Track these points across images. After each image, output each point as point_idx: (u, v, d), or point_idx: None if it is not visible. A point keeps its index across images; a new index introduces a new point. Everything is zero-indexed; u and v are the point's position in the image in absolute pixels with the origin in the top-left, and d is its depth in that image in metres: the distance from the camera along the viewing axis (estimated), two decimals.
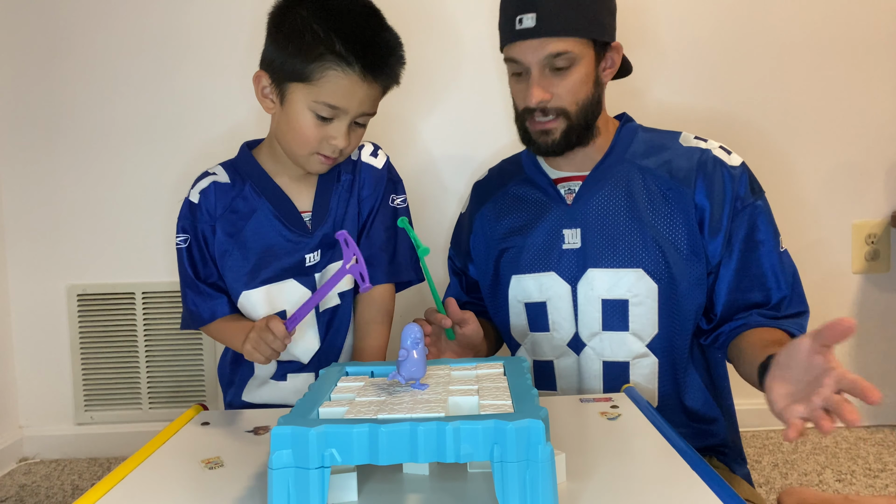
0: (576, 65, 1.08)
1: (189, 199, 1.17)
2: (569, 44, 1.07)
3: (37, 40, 1.82)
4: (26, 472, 1.84)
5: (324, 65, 1.02)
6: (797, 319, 1.10)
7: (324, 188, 1.17)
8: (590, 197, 1.15)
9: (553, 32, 1.06)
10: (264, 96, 1.10)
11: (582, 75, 1.09)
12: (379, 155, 1.22)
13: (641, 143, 1.17)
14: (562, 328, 1.16)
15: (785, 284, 1.10)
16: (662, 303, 1.11)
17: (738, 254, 1.11)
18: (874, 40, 1.85)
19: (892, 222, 1.89)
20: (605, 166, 1.16)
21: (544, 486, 0.64)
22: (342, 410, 0.73)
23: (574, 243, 1.15)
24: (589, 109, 1.12)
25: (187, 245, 1.15)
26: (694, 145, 1.15)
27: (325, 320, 1.17)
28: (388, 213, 1.21)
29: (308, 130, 1.06)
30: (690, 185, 1.11)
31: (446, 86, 1.83)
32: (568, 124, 1.11)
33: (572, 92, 1.09)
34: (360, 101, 1.05)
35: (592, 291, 1.13)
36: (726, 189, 1.10)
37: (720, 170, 1.11)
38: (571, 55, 1.07)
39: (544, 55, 1.07)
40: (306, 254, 1.14)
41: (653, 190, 1.13)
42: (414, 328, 0.77)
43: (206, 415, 1.05)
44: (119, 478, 0.80)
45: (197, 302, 1.15)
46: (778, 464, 1.74)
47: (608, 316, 1.13)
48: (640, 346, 1.13)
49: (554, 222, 1.17)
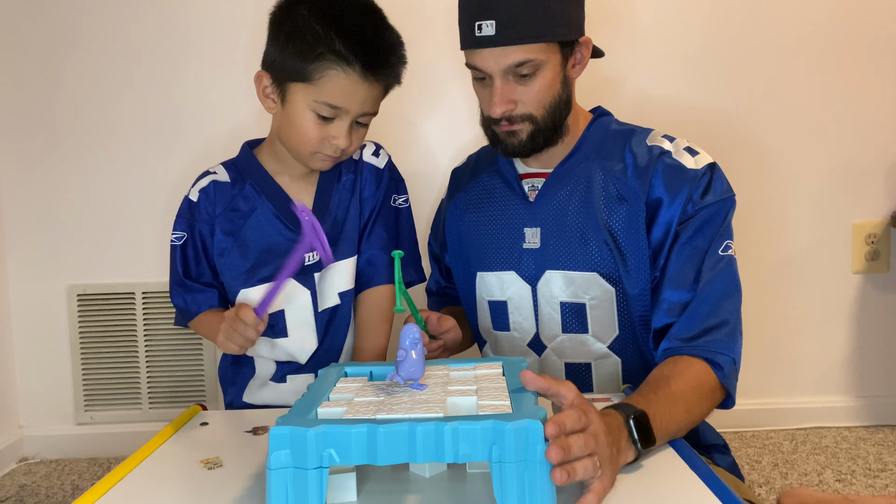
0: (541, 70, 1.03)
1: (188, 198, 1.17)
2: (532, 51, 1.01)
3: (37, 41, 1.82)
4: (26, 472, 1.84)
5: (324, 64, 1.02)
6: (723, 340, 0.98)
7: (324, 187, 1.17)
8: (551, 196, 1.12)
9: (514, 41, 1.00)
10: (266, 96, 1.10)
11: (548, 80, 1.04)
12: (381, 154, 1.22)
13: (609, 140, 1.12)
14: (522, 329, 1.15)
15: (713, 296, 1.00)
16: (621, 305, 1.09)
17: (674, 257, 1.04)
18: (874, 40, 1.85)
19: (892, 222, 1.89)
20: (569, 165, 1.12)
21: (542, 487, 0.64)
22: (341, 411, 0.73)
23: (534, 243, 1.12)
24: (556, 111, 1.07)
25: (182, 243, 1.16)
26: (657, 144, 1.09)
27: (325, 320, 1.17)
28: (390, 213, 1.21)
29: (309, 130, 1.06)
30: (645, 186, 1.06)
31: (448, 85, 1.83)
32: (534, 127, 1.07)
33: (538, 98, 1.05)
34: (361, 100, 1.05)
35: (551, 293, 1.11)
36: (682, 191, 1.04)
37: (676, 172, 1.05)
38: (535, 62, 1.02)
39: (506, 65, 1.02)
40: (305, 253, 1.14)
41: (610, 190, 1.08)
42: (413, 328, 0.77)
43: (205, 415, 1.05)
44: (118, 478, 0.80)
45: (186, 298, 1.15)
46: (778, 464, 1.74)
47: (567, 318, 1.11)
48: (601, 347, 1.11)
49: (516, 220, 1.14)
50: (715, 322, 0.99)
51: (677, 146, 1.09)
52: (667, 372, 0.93)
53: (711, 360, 0.95)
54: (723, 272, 1.02)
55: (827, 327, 1.93)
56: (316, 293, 1.15)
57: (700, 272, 1.02)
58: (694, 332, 0.99)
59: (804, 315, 1.92)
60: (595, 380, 1.13)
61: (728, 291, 1.02)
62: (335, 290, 1.16)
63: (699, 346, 0.97)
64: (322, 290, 1.16)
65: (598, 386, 1.13)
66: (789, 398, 1.95)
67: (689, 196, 1.04)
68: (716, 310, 1.00)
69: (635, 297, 1.08)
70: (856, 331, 1.93)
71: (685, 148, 1.09)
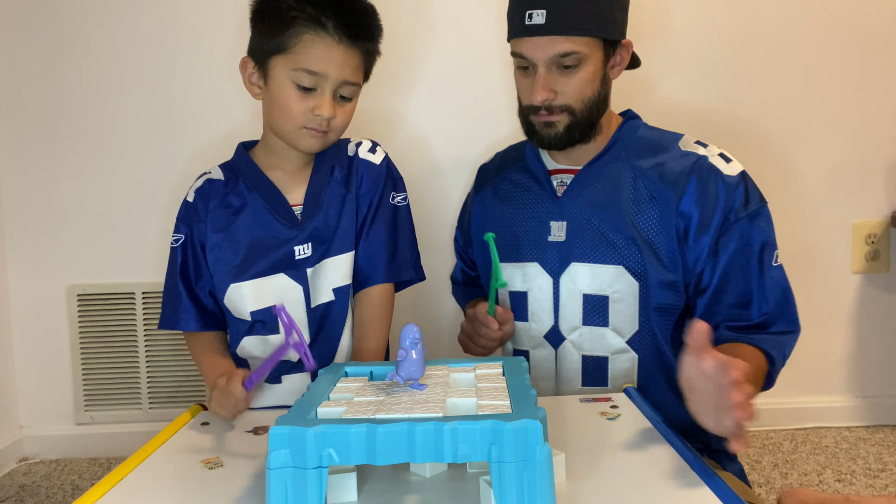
0: (584, 64, 1.07)
1: (186, 200, 1.19)
2: (578, 43, 1.05)
3: (37, 41, 1.82)
4: (26, 472, 1.84)
5: (298, 30, 1.04)
6: (778, 337, 1.06)
7: (316, 181, 1.17)
8: (579, 192, 1.15)
9: (563, 31, 1.04)
10: (251, 83, 1.12)
11: (589, 74, 1.08)
12: (377, 151, 1.22)
13: (640, 142, 1.16)
14: (540, 320, 1.17)
15: (772, 301, 1.07)
16: (643, 301, 1.11)
17: (724, 268, 1.08)
18: (874, 40, 1.85)
19: (892, 222, 1.89)
20: (600, 163, 1.15)
21: (542, 487, 0.64)
22: (340, 410, 0.73)
23: (559, 236, 1.15)
24: (594, 107, 1.11)
25: (180, 244, 1.16)
26: (691, 150, 1.12)
27: (317, 316, 1.16)
28: (388, 211, 1.20)
29: (292, 104, 1.07)
30: (679, 190, 1.09)
31: (447, 83, 1.83)
32: (572, 120, 1.10)
33: (578, 90, 1.09)
34: (339, 65, 1.06)
35: (574, 286, 1.13)
36: (719, 198, 1.07)
37: (714, 178, 1.08)
38: (580, 55, 1.06)
39: (552, 54, 1.06)
40: (296, 246, 1.14)
41: (641, 191, 1.11)
42: (413, 328, 0.77)
43: (205, 415, 1.05)
44: (119, 478, 0.80)
45: (174, 307, 1.16)
46: (778, 464, 1.74)
47: (589, 311, 1.13)
48: (620, 341, 1.13)
49: (542, 213, 1.17)
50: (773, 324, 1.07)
51: (711, 151, 1.12)
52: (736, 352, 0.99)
53: (767, 353, 1.04)
54: (778, 282, 1.08)
55: (827, 327, 1.93)
56: (308, 289, 1.15)
57: (755, 285, 1.07)
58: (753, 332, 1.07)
59: (804, 315, 1.88)
60: (610, 374, 1.14)
61: (786, 297, 1.09)
62: (329, 285, 1.15)
63: (756, 339, 1.05)
64: (315, 286, 1.15)
65: (613, 381, 1.14)
66: (789, 398, 1.95)
67: (729, 205, 1.07)
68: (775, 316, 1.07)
69: (656, 295, 1.10)
70: (856, 331, 1.93)
71: (719, 154, 1.11)
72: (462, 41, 1.81)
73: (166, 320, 1.18)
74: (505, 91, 1.79)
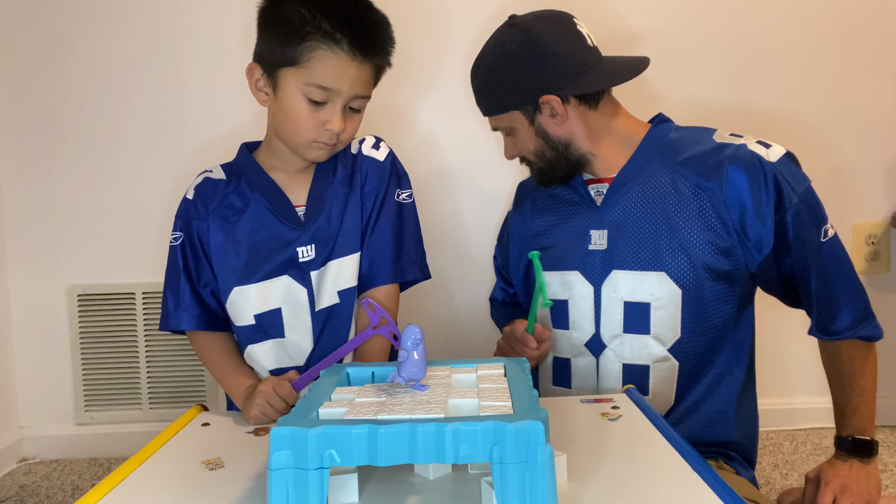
0: (516, 130, 1.19)
1: (185, 197, 1.18)
2: (496, 119, 1.22)
3: (37, 41, 1.82)
4: (26, 472, 1.84)
5: (312, 45, 1.02)
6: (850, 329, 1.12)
7: (319, 182, 1.16)
8: (617, 199, 1.16)
9: (485, 113, 1.23)
10: (258, 89, 1.10)
11: (523, 136, 1.19)
12: (381, 147, 1.21)
13: (672, 142, 1.16)
14: (581, 328, 1.17)
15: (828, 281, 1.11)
16: (686, 308, 1.10)
17: (797, 253, 1.10)
18: (874, 40, 1.85)
19: (892, 222, 1.89)
20: (631, 169, 1.16)
21: (543, 488, 0.64)
22: (342, 411, 0.73)
23: (600, 245, 1.16)
24: (549, 154, 1.19)
25: (180, 243, 1.15)
26: (728, 141, 1.12)
27: (322, 319, 1.15)
28: (393, 208, 1.19)
29: (303, 117, 1.06)
30: (722, 182, 1.08)
31: (449, 83, 1.83)
32: (538, 167, 1.22)
33: (523, 147, 1.21)
34: (352, 81, 1.05)
35: (615, 293, 1.13)
36: (773, 186, 1.07)
37: (757, 164, 1.08)
38: (504, 126, 1.21)
39: (492, 126, 1.25)
40: (298, 247, 1.13)
41: (681, 189, 1.11)
42: (415, 329, 0.77)
43: (206, 416, 1.05)
44: (120, 478, 0.80)
45: (177, 306, 1.15)
46: (778, 464, 1.74)
47: (630, 318, 1.13)
48: (661, 349, 1.12)
49: (583, 222, 1.19)
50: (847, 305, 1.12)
51: (748, 139, 1.12)
52: (846, 367, 1.14)
53: (864, 336, 1.13)
54: (837, 253, 1.13)
55: None
56: (313, 291, 1.14)
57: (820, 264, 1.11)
58: (837, 324, 1.12)
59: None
60: (651, 382, 1.13)
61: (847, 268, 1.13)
62: (335, 288, 1.15)
63: (848, 335, 1.12)
64: (320, 289, 1.14)
65: (654, 388, 1.13)
66: (789, 398, 1.95)
67: (779, 191, 1.07)
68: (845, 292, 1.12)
69: (708, 302, 1.10)
70: None
71: (757, 141, 1.12)
72: (477, 42, 1.81)
73: (169, 320, 1.16)
74: None
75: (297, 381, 1.05)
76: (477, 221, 1.86)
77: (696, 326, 1.11)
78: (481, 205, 1.85)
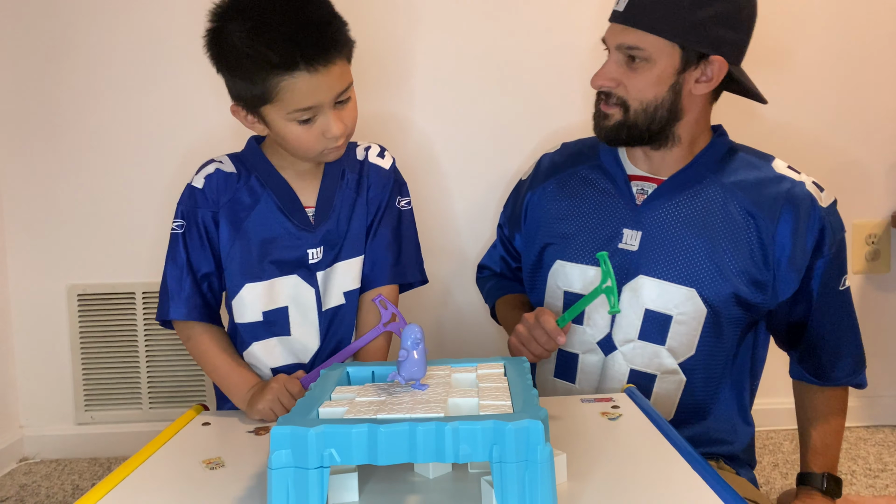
0: (649, 63, 1.04)
1: (192, 185, 1.15)
2: (647, 40, 1.03)
3: (36, 41, 1.81)
4: (26, 472, 1.84)
5: (273, 81, 1.00)
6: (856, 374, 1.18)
7: (328, 185, 1.17)
8: (661, 203, 1.11)
9: (635, 24, 1.03)
10: (250, 123, 1.10)
11: (653, 76, 1.05)
12: (386, 156, 1.23)
13: (731, 160, 1.12)
14: (596, 326, 1.14)
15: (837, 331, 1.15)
16: (707, 328, 1.08)
17: (818, 299, 1.11)
18: (874, 40, 1.85)
19: (892, 222, 1.89)
20: (685, 176, 1.11)
21: (543, 487, 0.64)
22: (342, 410, 0.73)
23: (631, 245, 1.11)
24: (653, 112, 1.07)
25: (183, 231, 1.14)
26: (786, 174, 1.10)
27: (328, 319, 1.16)
28: (394, 214, 1.21)
29: (302, 138, 1.06)
30: (776, 216, 1.06)
31: (452, 88, 1.83)
32: (624, 118, 1.08)
33: (638, 89, 1.06)
34: (326, 88, 1.03)
35: (637, 298, 1.10)
36: (818, 232, 1.06)
37: (812, 209, 1.07)
38: (646, 52, 1.03)
39: (619, 43, 1.05)
40: (308, 249, 1.14)
41: (731, 211, 1.08)
42: (414, 329, 0.77)
43: (207, 415, 1.05)
44: (120, 478, 0.80)
45: (176, 295, 1.13)
46: (778, 464, 1.74)
47: (648, 326, 1.10)
48: (673, 362, 1.10)
49: (616, 218, 1.14)
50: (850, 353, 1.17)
51: (805, 178, 1.11)
52: (832, 406, 1.20)
53: (856, 384, 1.19)
54: (849, 303, 1.16)
55: None
56: (320, 292, 1.15)
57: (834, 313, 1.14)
58: (837, 371, 1.17)
59: None
60: (655, 392, 1.12)
61: (854, 318, 1.18)
62: (340, 289, 1.16)
63: (844, 381, 1.19)
64: (326, 289, 1.15)
65: (656, 399, 1.12)
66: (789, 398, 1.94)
67: (828, 238, 1.08)
68: (850, 342, 1.17)
69: (726, 327, 1.10)
70: None
71: (812, 182, 1.11)
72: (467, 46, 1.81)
73: (169, 309, 1.13)
74: (510, 97, 1.80)
75: (305, 379, 1.07)
76: (474, 223, 1.86)
77: (711, 348, 1.10)
78: (477, 205, 1.85)
